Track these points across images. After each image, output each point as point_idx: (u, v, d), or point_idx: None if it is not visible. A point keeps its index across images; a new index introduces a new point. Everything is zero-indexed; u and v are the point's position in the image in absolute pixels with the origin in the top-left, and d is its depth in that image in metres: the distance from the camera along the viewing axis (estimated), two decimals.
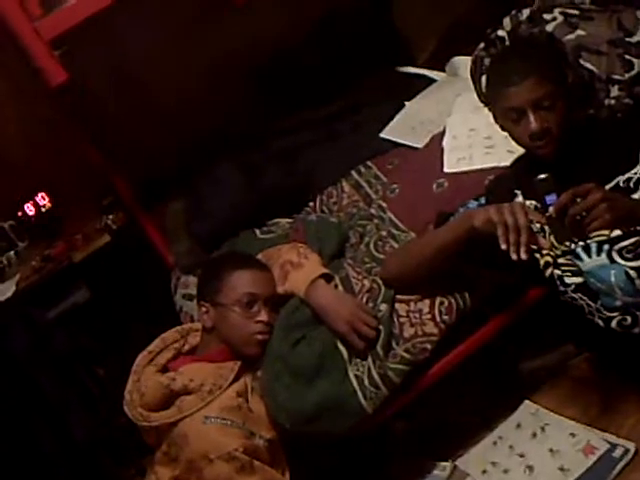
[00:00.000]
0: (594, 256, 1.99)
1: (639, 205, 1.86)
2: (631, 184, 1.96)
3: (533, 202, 2.07)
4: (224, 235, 2.75)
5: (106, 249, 3.08)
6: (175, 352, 2.33)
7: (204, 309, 2.31)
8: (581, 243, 1.99)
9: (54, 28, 2.30)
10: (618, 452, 2.02)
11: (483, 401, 2.41)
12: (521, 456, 2.17)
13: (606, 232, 1.95)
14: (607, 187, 1.96)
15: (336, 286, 2.31)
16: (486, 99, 2.13)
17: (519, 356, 2.47)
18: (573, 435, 2.13)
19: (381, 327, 2.19)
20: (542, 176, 1.87)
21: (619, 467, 1.99)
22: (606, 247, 1.97)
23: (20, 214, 3.19)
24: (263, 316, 2.26)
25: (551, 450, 2.13)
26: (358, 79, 3.19)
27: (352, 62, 3.24)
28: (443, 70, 3.12)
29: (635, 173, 1.96)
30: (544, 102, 1.95)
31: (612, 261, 1.96)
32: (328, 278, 2.31)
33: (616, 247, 1.96)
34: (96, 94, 3.00)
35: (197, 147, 3.10)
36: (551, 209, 1.82)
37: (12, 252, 3.16)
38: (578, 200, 1.79)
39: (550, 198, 1.84)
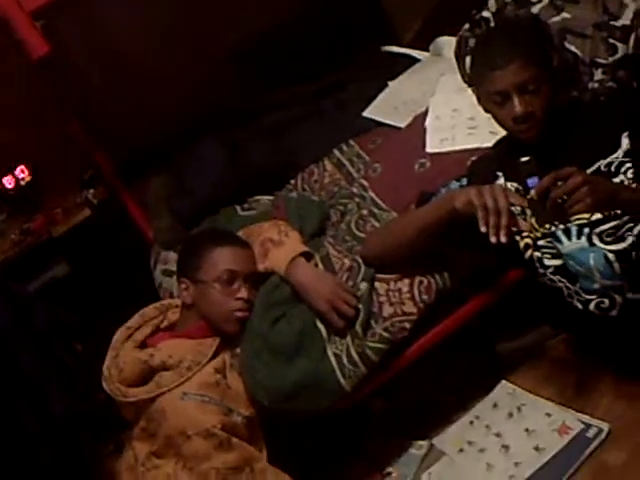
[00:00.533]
0: (574, 239, 2.00)
1: (620, 188, 1.87)
2: (612, 168, 1.97)
3: (515, 184, 2.08)
4: (205, 212, 2.76)
5: (86, 223, 3.07)
6: (154, 328, 2.33)
7: (184, 285, 2.31)
8: (561, 226, 2.00)
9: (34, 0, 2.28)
10: (592, 432, 2.03)
11: (461, 381, 2.41)
12: (497, 435, 2.18)
13: (586, 215, 1.96)
14: (589, 171, 1.97)
15: (316, 264, 2.31)
16: (470, 80, 2.12)
17: (497, 336, 2.47)
18: (549, 415, 2.14)
19: (360, 306, 2.19)
20: (524, 159, 1.87)
21: (592, 446, 2.00)
22: (586, 230, 1.98)
23: None
24: (243, 293, 2.26)
25: (527, 430, 2.14)
26: (343, 57, 3.19)
27: (338, 40, 3.24)
28: (427, 50, 3.11)
29: (616, 157, 1.97)
30: (529, 86, 1.95)
31: (592, 244, 1.98)
32: (308, 256, 2.31)
33: (596, 230, 1.97)
34: (79, 68, 2.98)
35: (181, 123, 3.09)
36: (533, 192, 1.83)
37: None
38: (559, 183, 1.79)
39: (532, 181, 1.84)
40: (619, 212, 1.93)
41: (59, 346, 2.91)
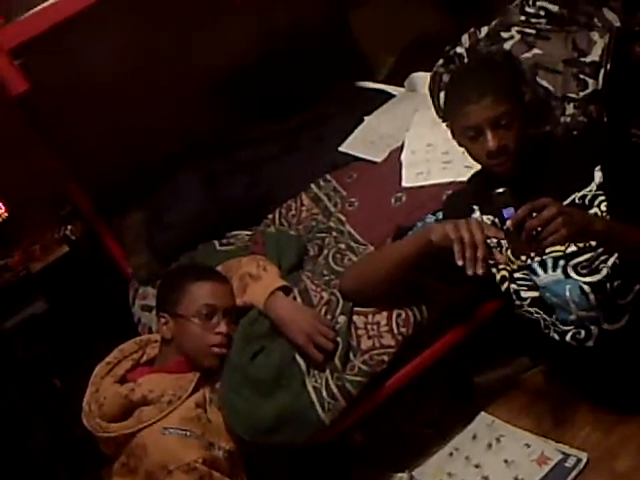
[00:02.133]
0: (550, 271, 2.03)
1: (594, 220, 1.89)
2: (586, 201, 2.00)
3: (490, 217, 2.11)
4: (183, 247, 2.76)
5: (64, 259, 3.06)
6: (133, 363, 2.33)
7: (163, 320, 2.31)
8: (537, 258, 2.03)
9: (15, 37, 2.29)
10: (570, 462, 2.05)
11: (440, 413, 2.42)
12: (477, 467, 2.20)
13: (561, 248, 1.99)
14: (563, 204, 1.99)
15: (295, 298, 2.33)
16: (444, 115, 2.15)
17: (475, 368, 2.49)
18: (528, 446, 2.16)
19: (339, 339, 2.20)
20: (500, 190, 1.88)
21: (571, 476, 2.02)
22: (562, 263, 2.01)
23: None
24: (222, 328, 2.27)
25: (506, 461, 2.15)
26: (319, 93, 3.21)
27: (313, 76, 3.26)
28: (402, 85, 3.15)
29: (590, 190, 2.00)
30: (501, 120, 1.97)
31: (567, 276, 2.00)
32: (287, 290, 2.32)
33: (571, 263, 2.00)
34: (57, 104, 2.97)
35: (158, 158, 3.09)
36: (508, 223, 1.84)
37: None
38: (535, 214, 1.80)
39: (507, 212, 1.85)
40: (594, 244, 1.96)
41: (38, 382, 2.91)
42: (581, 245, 1.98)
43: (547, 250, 1.94)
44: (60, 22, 2.32)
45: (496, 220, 2.08)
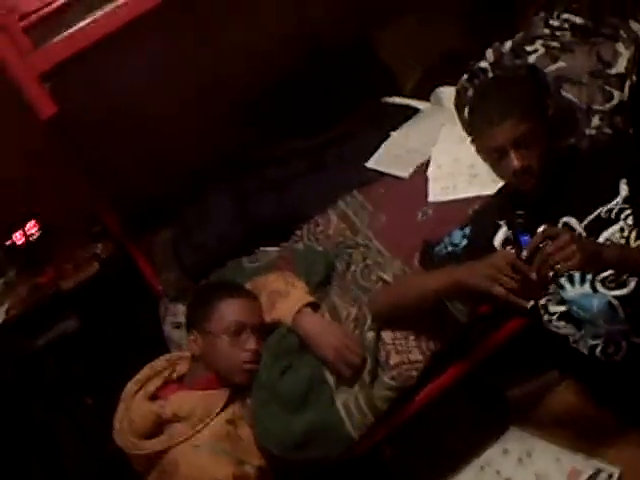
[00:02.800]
0: (577, 285, 2.02)
1: (606, 248, 1.89)
2: (612, 215, 1.99)
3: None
4: (212, 265, 2.78)
5: (95, 277, 3.09)
6: (164, 380, 2.35)
7: (192, 337, 2.33)
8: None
9: (44, 62, 2.32)
10: (603, 477, 2.03)
11: (470, 427, 2.43)
12: None
13: None
14: (589, 218, 2.00)
15: (323, 314, 2.34)
16: (469, 132, 2.16)
17: (505, 383, 2.48)
18: (558, 460, 2.14)
19: (367, 355, 2.21)
20: (518, 213, 1.91)
21: None
22: (589, 277, 2.00)
23: (9, 242, 3.20)
24: (251, 344, 2.28)
25: (536, 475, 2.14)
26: (345, 109, 3.22)
27: (340, 93, 3.28)
28: (428, 100, 3.16)
29: (616, 204, 1.99)
30: (525, 140, 1.97)
31: (595, 290, 1.99)
32: (315, 306, 2.34)
33: (599, 277, 1.99)
34: (86, 126, 3.02)
35: (187, 176, 3.13)
36: (525, 251, 1.85)
37: (1, 280, 3.17)
38: (549, 243, 1.80)
39: (524, 238, 1.87)
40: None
41: (70, 400, 2.94)
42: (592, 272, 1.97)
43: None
44: (88, 46, 2.35)
45: None
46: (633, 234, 1.96)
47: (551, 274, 1.82)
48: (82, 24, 2.38)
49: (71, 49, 2.34)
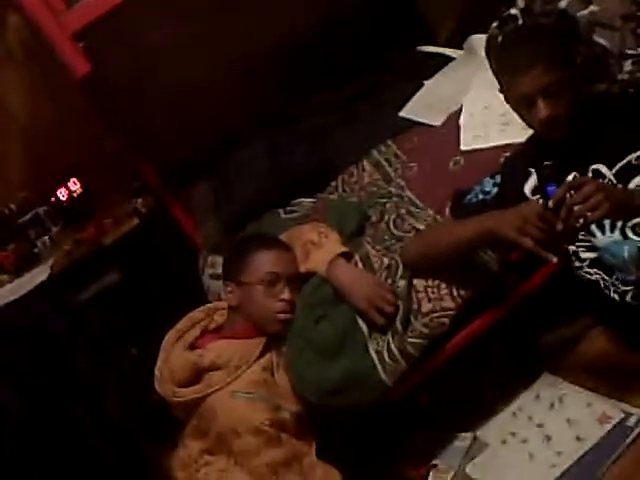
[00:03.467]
0: (607, 232, 2.02)
1: (635, 195, 1.89)
2: None
3: None
4: (250, 217, 2.81)
5: (136, 232, 3.14)
6: (202, 330, 2.40)
7: (229, 288, 2.38)
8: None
9: (77, 21, 2.35)
10: (632, 420, 2.05)
11: (503, 373, 2.44)
12: (539, 426, 2.21)
13: None
14: (620, 164, 1.99)
15: (356, 264, 2.37)
16: (497, 81, 2.15)
17: (538, 329, 2.49)
18: (589, 405, 2.16)
19: (399, 303, 2.24)
20: (546, 164, 1.90)
21: (633, 435, 2.01)
22: (619, 224, 2.00)
23: (53, 199, 3.27)
24: (286, 294, 2.32)
25: (568, 420, 2.16)
26: (379, 59, 3.22)
27: (374, 42, 3.27)
28: (462, 48, 3.13)
29: None
30: (552, 89, 1.95)
31: (625, 237, 1.99)
32: (348, 256, 2.36)
33: (629, 224, 1.99)
34: (121, 83, 3.05)
35: (223, 130, 3.15)
36: (550, 202, 1.84)
37: (46, 237, 3.23)
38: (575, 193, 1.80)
39: (551, 188, 1.86)
40: None
41: (114, 351, 3.01)
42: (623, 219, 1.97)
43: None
44: (120, 3, 2.37)
45: None
46: None
47: (580, 223, 1.81)
48: None
49: (104, 8, 2.37)
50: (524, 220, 1.88)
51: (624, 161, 2.00)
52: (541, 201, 1.94)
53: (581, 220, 1.80)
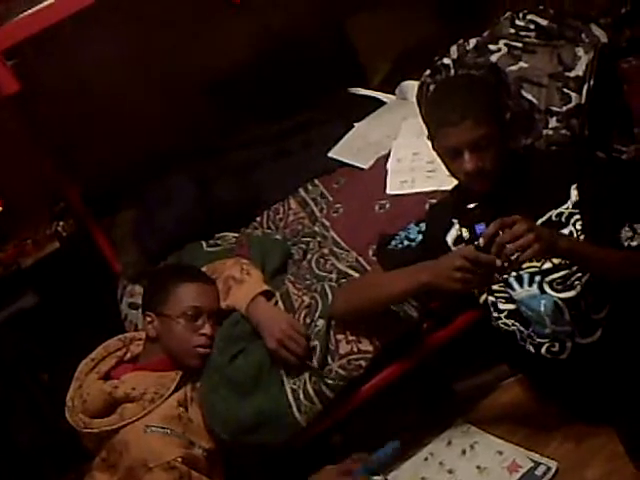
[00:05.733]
0: (526, 286, 2.07)
1: (559, 238, 1.92)
2: (562, 219, 2.03)
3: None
4: (172, 248, 2.79)
5: (55, 255, 3.09)
6: (117, 360, 2.37)
7: (149, 319, 2.35)
8: (514, 273, 2.06)
9: (7, 39, 2.31)
10: (540, 470, 2.09)
11: (417, 418, 2.46)
12: (450, 472, 2.23)
13: (538, 264, 2.02)
14: (540, 221, 2.03)
15: (277, 302, 2.37)
16: (427, 128, 2.18)
17: (454, 375, 2.52)
18: (500, 453, 2.19)
19: (317, 342, 2.24)
20: (471, 205, 1.92)
21: None
22: (537, 278, 2.04)
23: None
24: (207, 329, 2.31)
25: (479, 467, 2.19)
26: (311, 98, 3.23)
27: (308, 81, 3.27)
28: (394, 93, 3.17)
29: (566, 208, 2.03)
30: (480, 143, 1.97)
31: (542, 291, 2.04)
32: (269, 295, 2.36)
33: (547, 279, 2.04)
34: (49, 104, 3.00)
35: (150, 158, 3.12)
36: (481, 239, 1.86)
37: None
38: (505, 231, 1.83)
39: (479, 228, 1.87)
40: (568, 262, 1.99)
41: (26, 376, 2.94)
42: (556, 262, 2.01)
43: (523, 266, 1.99)
44: (54, 24, 2.34)
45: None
46: (581, 239, 2.00)
47: (512, 260, 1.83)
48: (46, 3, 2.36)
49: (36, 27, 2.33)
50: (459, 269, 1.89)
51: (545, 217, 2.05)
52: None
53: (513, 257, 1.82)
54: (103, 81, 3.12)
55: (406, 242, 2.27)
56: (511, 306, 2.12)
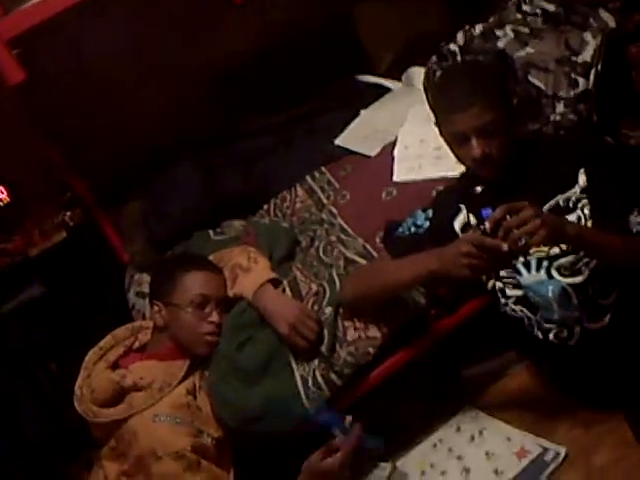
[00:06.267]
0: (533, 272, 2.06)
1: (566, 223, 1.92)
2: (570, 204, 2.02)
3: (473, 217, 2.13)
4: (179, 237, 2.79)
5: (63, 245, 3.09)
6: (125, 349, 2.37)
7: (156, 308, 2.35)
8: (522, 259, 2.05)
9: (12, 29, 2.31)
10: (549, 455, 2.08)
11: (426, 404, 2.45)
12: (459, 458, 2.23)
13: (545, 249, 2.02)
14: (548, 205, 2.03)
15: (284, 290, 2.37)
16: (433, 114, 2.17)
17: (463, 362, 2.52)
18: (508, 439, 2.19)
19: (325, 330, 2.24)
20: (478, 189, 1.91)
21: (549, 470, 2.05)
22: (545, 264, 2.04)
23: None
24: (214, 317, 2.31)
25: (487, 453, 2.19)
26: (317, 86, 3.23)
27: (313, 70, 3.27)
28: (400, 80, 3.17)
29: (574, 193, 2.03)
30: (487, 129, 1.97)
31: (550, 277, 2.03)
32: (276, 282, 2.36)
33: (555, 264, 2.03)
34: (56, 95, 3.00)
35: (157, 148, 3.13)
36: (486, 223, 1.85)
37: None
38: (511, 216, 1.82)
39: (486, 212, 1.87)
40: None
41: (33, 366, 2.95)
42: (564, 247, 2.00)
43: (531, 251, 1.98)
44: (59, 13, 2.34)
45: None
46: (589, 224, 2.00)
47: (520, 245, 1.81)
48: None
49: (41, 16, 2.33)
50: (466, 254, 1.88)
51: (552, 201, 2.04)
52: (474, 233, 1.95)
53: (520, 243, 1.80)
54: (107, 72, 3.12)
55: (413, 229, 2.27)
56: (519, 292, 2.11)
